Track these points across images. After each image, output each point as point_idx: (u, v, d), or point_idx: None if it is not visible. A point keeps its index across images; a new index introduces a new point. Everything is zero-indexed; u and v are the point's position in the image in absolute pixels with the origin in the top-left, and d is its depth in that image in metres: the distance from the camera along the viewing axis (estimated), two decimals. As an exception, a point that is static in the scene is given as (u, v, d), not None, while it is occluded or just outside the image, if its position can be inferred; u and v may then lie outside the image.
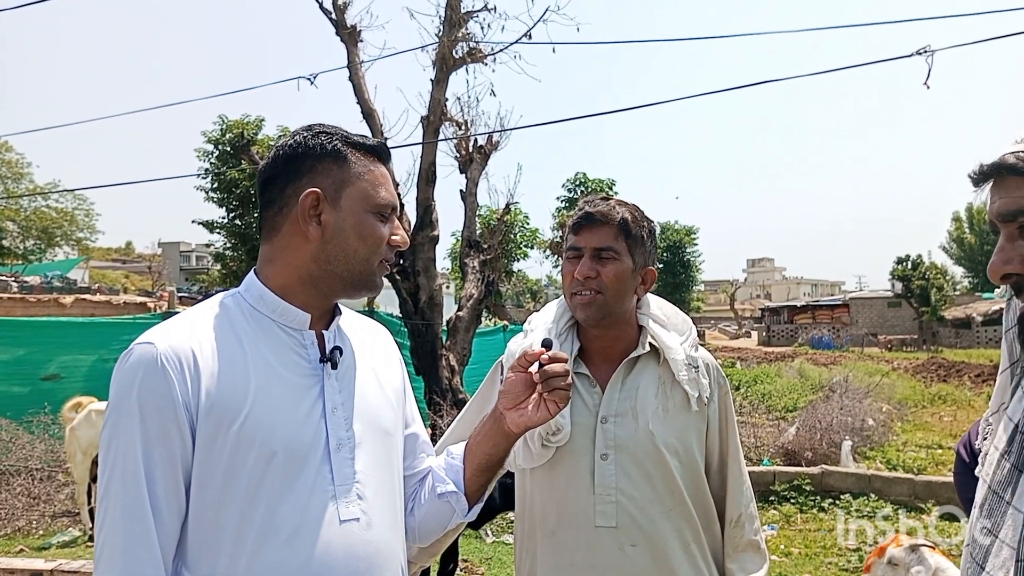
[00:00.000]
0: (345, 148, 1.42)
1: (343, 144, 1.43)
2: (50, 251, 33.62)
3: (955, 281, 53.81)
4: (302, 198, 1.38)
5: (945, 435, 11.41)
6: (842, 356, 29.57)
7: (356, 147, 1.44)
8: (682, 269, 48.52)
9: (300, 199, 1.38)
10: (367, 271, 1.44)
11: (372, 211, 1.42)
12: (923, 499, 6.80)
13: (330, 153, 1.41)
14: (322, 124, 1.46)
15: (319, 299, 1.43)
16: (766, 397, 14.25)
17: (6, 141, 30.84)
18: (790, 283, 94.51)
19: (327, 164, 1.41)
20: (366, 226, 1.42)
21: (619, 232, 1.79)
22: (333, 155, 1.41)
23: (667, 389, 1.82)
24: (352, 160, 1.42)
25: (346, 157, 1.42)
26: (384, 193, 1.44)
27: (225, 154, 25.63)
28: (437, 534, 1.63)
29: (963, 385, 18.00)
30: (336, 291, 1.44)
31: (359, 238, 1.41)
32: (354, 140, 1.44)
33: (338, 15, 9.43)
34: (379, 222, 1.43)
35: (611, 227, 1.79)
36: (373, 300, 11.37)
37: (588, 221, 1.81)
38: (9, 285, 18.62)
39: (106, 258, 58.28)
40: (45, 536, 6.53)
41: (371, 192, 1.42)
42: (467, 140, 9.89)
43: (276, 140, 1.70)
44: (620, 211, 1.81)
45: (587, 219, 1.81)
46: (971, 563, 1.22)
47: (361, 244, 1.41)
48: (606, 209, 1.81)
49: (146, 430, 1.25)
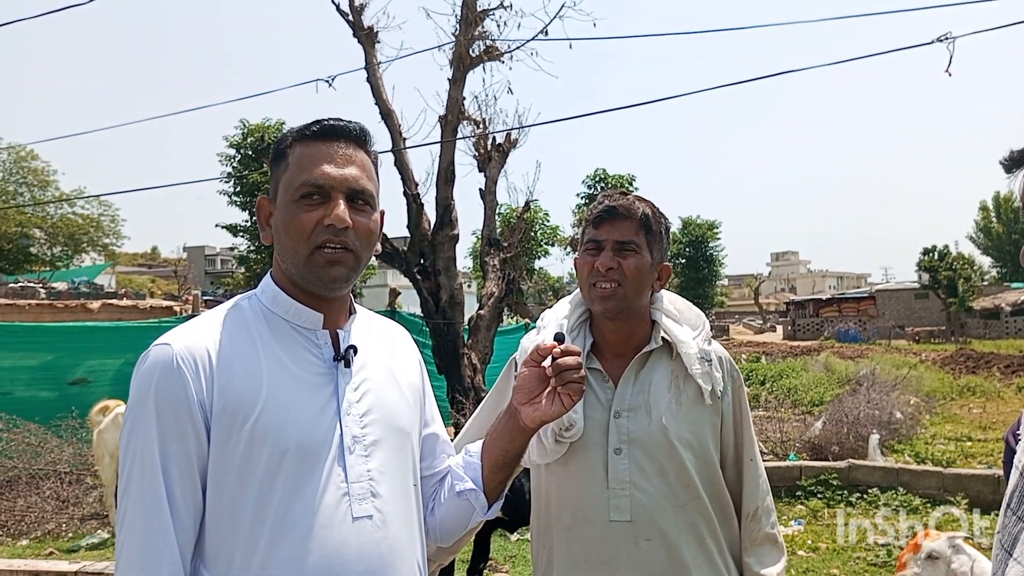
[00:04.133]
0: (288, 142, 1.42)
1: (291, 140, 1.42)
2: (77, 257, 33.98)
3: (983, 271, 53.12)
4: (257, 209, 1.44)
5: (974, 427, 11.26)
6: (869, 349, 29.24)
7: (297, 137, 1.41)
8: (705, 264, 48.18)
9: (257, 210, 1.44)
10: (300, 263, 1.38)
11: (294, 199, 1.37)
12: (952, 492, 6.70)
13: (276, 154, 1.42)
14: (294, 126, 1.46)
15: (310, 298, 1.42)
16: (792, 391, 14.13)
17: (32, 149, 31.22)
18: (815, 276, 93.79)
19: (273, 167, 1.43)
20: (286, 216, 1.38)
21: (640, 227, 1.80)
22: (278, 155, 1.42)
23: (680, 383, 1.81)
24: (290, 152, 1.40)
25: (285, 152, 1.41)
26: (304, 174, 1.36)
27: (247, 158, 25.86)
28: (458, 533, 1.63)
29: (992, 376, 17.74)
30: (305, 288, 1.41)
31: (285, 231, 1.39)
32: (298, 130, 1.42)
33: (355, 17, 9.47)
34: (303, 209, 1.36)
35: (632, 221, 1.80)
36: (394, 300, 11.39)
37: (610, 215, 1.81)
38: (37, 291, 18.85)
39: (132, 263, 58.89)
40: (75, 539, 6.60)
41: (292, 179, 1.38)
42: (485, 138, 9.89)
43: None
44: (640, 206, 1.82)
45: (609, 213, 1.81)
46: (1000, 550, 1.20)
47: (287, 237, 1.38)
48: (627, 203, 1.81)
49: (162, 429, 1.27)
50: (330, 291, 1.41)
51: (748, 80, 10.30)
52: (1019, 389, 15.92)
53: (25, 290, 18.95)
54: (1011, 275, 54.81)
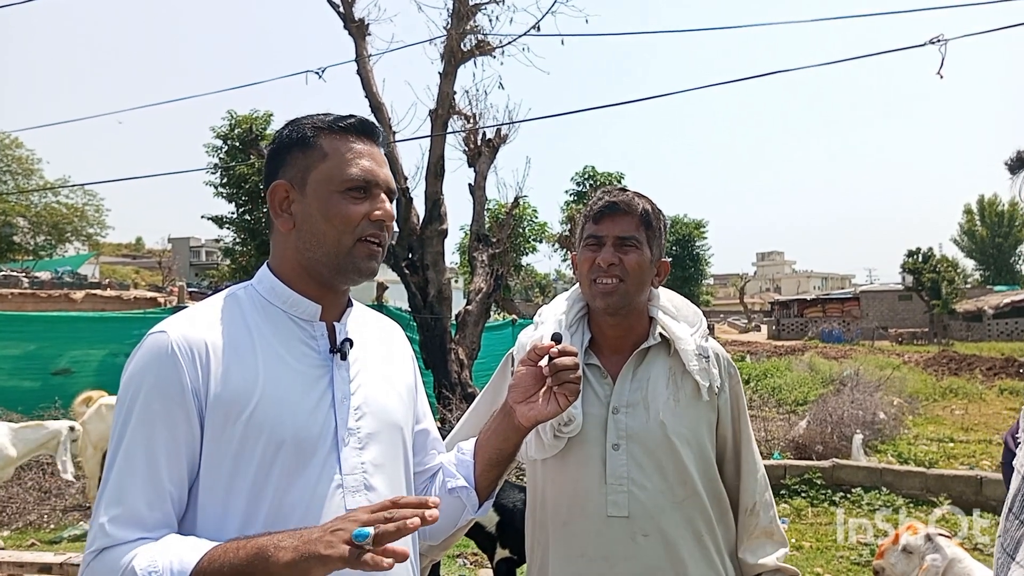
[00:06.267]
0: (313, 133, 1.41)
1: (312, 130, 1.41)
2: (60, 247, 33.71)
3: (966, 274, 53.62)
4: (270, 193, 1.41)
5: (957, 429, 11.35)
6: (852, 350, 29.43)
7: (328, 129, 1.42)
8: (691, 263, 48.34)
9: (269, 194, 1.41)
10: (341, 253, 1.39)
11: (340, 190, 1.39)
12: (935, 492, 6.76)
13: (296, 142, 1.41)
14: (306, 115, 1.45)
15: (319, 288, 1.42)
16: (776, 391, 14.21)
17: (16, 137, 30.93)
18: (800, 277, 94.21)
19: (294, 153, 1.41)
20: (331, 206, 1.39)
21: (640, 223, 1.80)
22: (299, 143, 1.41)
23: (678, 380, 1.81)
24: (320, 143, 1.40)
25: (311, 142, 1.40)
26: (353, 169, 1.40)
27: (234, 149, 25.69)
28: (448, 530, 1.62)
29: (974, 378, 17.90)
30: (326, 278, 1.42)
31: (325, 220, 1.39)
32: (327, 122, 1.42)
33: (346, 9, 9.42)
34: (350, 201, 1.39)
35: (633, 217, 1.80)
36: (382, 294, 11.36)
37: (612, 211, 1.80)
38: (20, 281, 18.71)
39: (116, 254, 58.50)
40: (56, 530, 6.55)
41: (335, 172, 1.39)
42: (475, 133, 9.88)
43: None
44: (640, 202, 1.82)
45: (611, 208, 1.81)
46: (1002, 554, 1.20)
47: (328, 226, 1.39)
48: (628, 199, 1.81)
49: (153, 414, 1.26)
50: (356, 282, 1.44)
51: (737, 80, 10.32)
52: (1001, 391, 16.08)
53: (8, 279, 18.79)
54: (994, 278, 55.37)
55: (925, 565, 3.31)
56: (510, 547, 3.98)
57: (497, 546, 4.07)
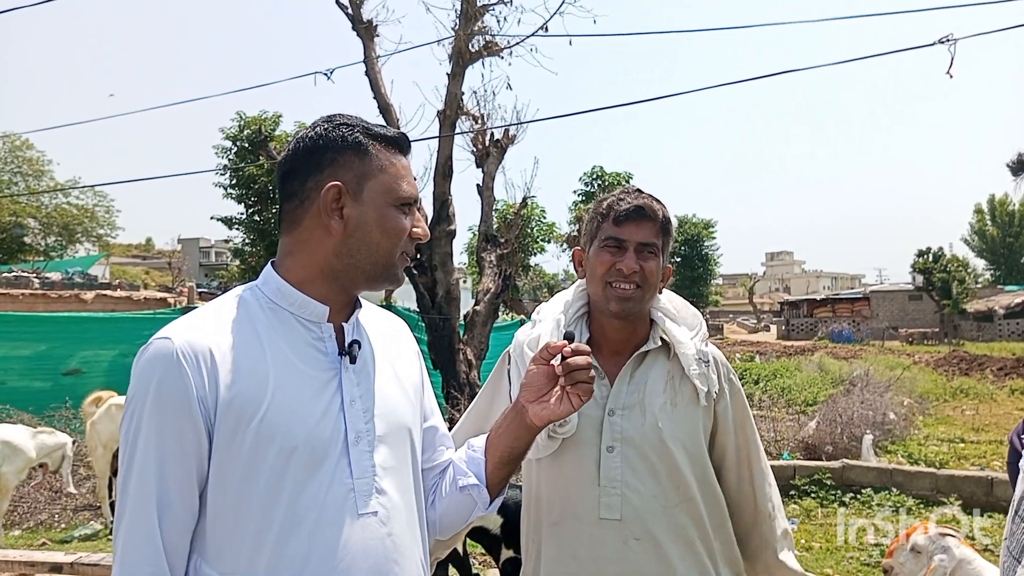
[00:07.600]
0: (366, 140, 1.40)
1: (364, 136, 1.41)
2: (71, 248, 33.89)
3: (977, 274, 53.29)
4: (324, 191, 1.36)
5: (967, 429, 11.30)
6: (862, 350, 29.28)
7: (377, 139, 1.42)
8: (700, 263, 48.16)
9: (322, 193, 1.37)
10: (389, 264, 1.43)
11: (394, 204, 1.41)
12: (945, 493, 6.72)
13: (351, 145, 1.39)
14: (342, 115, 1.44)
15: (339, 292, 1.42)
16: (786, 391, 14.15)
17: (27, 139, 31.12)
18: (809, 276, 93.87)
19: (348, 156, 1.39)
20: (389, 219, 1.41)
21: (660, 230, 1.80)
22: (354, 147, 1.39)
23: (676, 383, 1.81)
24: (374, 152, 1.40)
25: (367, 149, 1.40)
26: (406, 186, 1.43)
27: (243, 150, 25.69)
28: (458, 527, 1.62)
29: (985, 379, 17.80)
30: (357, 284, 1.44)
31: (382, 231, 1.40)
32: (375, 131, 1.42)
33: (354, 10, 9.43)
34: (403, 214, 1.42)
35: (655, 223, 1.80)
36: (391, 294, 11.38)
37: (638, 215, 1.78)
38: (31, 281, 18.82)
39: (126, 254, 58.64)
40: (67, 529, 6.59)
41: (393, 185, 1.41)
42: (483, 134, 9.87)
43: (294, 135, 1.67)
44: (659, 208, 1.82)
45: (637, 213, 1.78)
46: (1008, 556, 1.19)
47: (384, 237, 1.41)
48: (651, 204, 1.80)
49: (161, 426, 1.25)
50: (381, 289, 1.51)
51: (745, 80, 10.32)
52: (1012, 392, 15.98)
53: (19, 280, 18.91)
54: (1005, 278, 55.05)
55: (932, 565, 3.30)
56: (515, 547, 3.99)
57: (502, 547, 4.08)
